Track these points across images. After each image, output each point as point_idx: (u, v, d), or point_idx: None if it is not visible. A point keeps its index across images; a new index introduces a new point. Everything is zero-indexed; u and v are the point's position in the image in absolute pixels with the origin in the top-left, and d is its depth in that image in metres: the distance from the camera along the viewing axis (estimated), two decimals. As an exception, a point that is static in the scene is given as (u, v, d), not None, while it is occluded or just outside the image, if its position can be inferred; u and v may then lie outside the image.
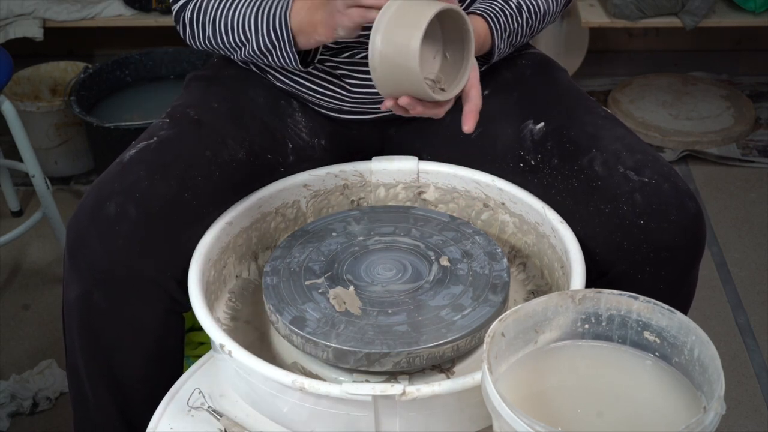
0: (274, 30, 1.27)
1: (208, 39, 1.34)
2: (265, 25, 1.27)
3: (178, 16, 1.36)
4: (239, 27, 1.30)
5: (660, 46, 3.10)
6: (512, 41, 1.35)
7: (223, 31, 1.32)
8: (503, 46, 1.33)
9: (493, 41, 1.31)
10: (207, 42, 1.35)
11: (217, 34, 1.32)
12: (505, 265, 1.23)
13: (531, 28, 1.36)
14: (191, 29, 1.35)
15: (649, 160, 1.26)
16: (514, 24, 1.33)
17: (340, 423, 1.09)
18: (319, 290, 1.20)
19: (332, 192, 1.40)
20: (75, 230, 1.23)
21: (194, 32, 1.35)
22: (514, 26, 1.33)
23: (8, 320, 2.19)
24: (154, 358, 1.28)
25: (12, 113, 2.10)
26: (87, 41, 3.07)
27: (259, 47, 1.30)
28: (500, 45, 1.32)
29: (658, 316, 0.98)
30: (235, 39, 1.31)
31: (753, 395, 1.96)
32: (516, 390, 0.95)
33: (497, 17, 1.31)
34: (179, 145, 1.29)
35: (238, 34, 1.30)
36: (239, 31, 1.30)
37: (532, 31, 1.37)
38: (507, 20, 1.32)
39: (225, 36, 1.32)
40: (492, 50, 1.33)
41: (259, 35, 1.28)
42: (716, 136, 2.74)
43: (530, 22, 1.35)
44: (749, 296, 2.22)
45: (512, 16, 1.32)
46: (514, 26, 1.33)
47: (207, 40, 1.35)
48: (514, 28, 1.33)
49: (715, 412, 0.86)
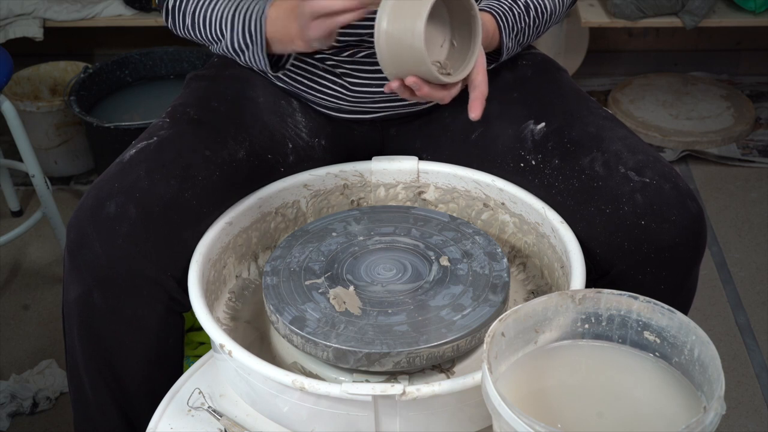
0: (249, 31, 1.28)
1: (188, 29, 1.36)
2: (240, 24, 1.29)
3: (161, 2, 1.38)
4: (216, 22, 1.32)
5: (660, 46, 3.10)
6: (519, 40, 1.35)
7: (201, 23, 1.34)
8: (511, 44, 1.34)
9: (501, 39, 1.32)
10: (186, 31, 1.37)
11: (196, 26, 1.35)
12: (505, 265, 1.23)
13: (537, 28, 1.37)
14: (173, 17, 1.37)
15: (650, 161, 1.26)
16: (521, 23, 1.33)
17: (340, 423, 1.09)
18: (319, 290, 1.20)
19: (332, 192, 1.40)
20: (75, 230, 1.23)
21: (176, 21, 1.37)
22: (521, 25, 1.33)
23: (8, 320, 2.19)
24: (154, 358, 1.28)
25: (12, 113, 2.10)
26: (87, 41, 3.07)
27: (233, 45, 1.31)
28: (508, 44, 1.33)
29: (658, 316, 0.98)
30: (211, 33, 1.33)
31: (753, 395, 1.96)
32: (516, 390, 0.95)
33: (506, 15, 1.31)
34: (179, 145, 1.29)
35: (215, 29, 1.32)
36: (216, 26, 1.32)
37: (538, 31, 1.38)
38: (515, 19, 1.32)
39: (203, 29, 1.34)
40: (500, 48, 1.33)
41: (234, 33, 1.30)
42: (716, 136, 2.74)
43: (537, 22, 1.35)
44: (749, 296, 2.22)
45: (520, 15, 1.33)
46: (521, 25, 1.33)
47: (186, 30, 1.37)
48: (521, 27, 1.34)
49: (715, 412, 0.86)
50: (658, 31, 3.07)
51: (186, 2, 1.34)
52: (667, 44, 3.10)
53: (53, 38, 2.83)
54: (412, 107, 1.42)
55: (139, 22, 2.77)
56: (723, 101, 2.91)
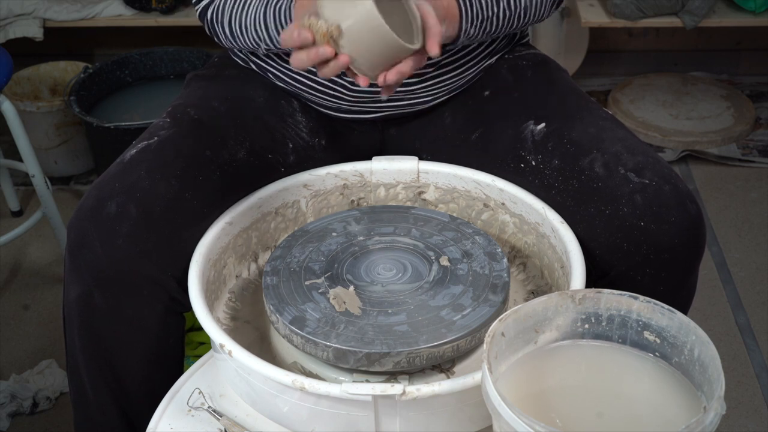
0: (282, 24, 1.27)
1: (229, 39, 1.37)
2: (272, 20, 1.28)
3: (201, 17, 1.40)
4: (252, 26, 1.32)
5: (660, 46, 3.10)
6: (486, 29, 1.31)
7: (238, 31, 1.34)
8: (473, 31, 1.30)
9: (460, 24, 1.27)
10: (229, 42, 1.38)
11: (236, 35, 1.35)
12: (505, 265, 1.23)
13: (510, 21, 1.33)
14: (214, 31, 1.39)
15: (649, 162, 1.26)
16: (488, 12, 1.30)
17: (340, 423, 1.09)
18: (319, 290, 1.20)
19: (332, 192, 1.40)
20: (75, 230, 1.23)
21: (217, 33, 1.38)
22: (488, 14, 1.30)
23: (8, 320, 2.19)
24: (154, 358, 1.28)
25: (12, 113, 2.10)
26: (87, 41, 3.07)
27: (272, 42, 1.31)
28: (469, 30, 1.29)
29: (658, 316, 0.98)
30: (250, 38, 1.33)
31: (753, 395, 1.96)
32: (516, 390, 0.95)
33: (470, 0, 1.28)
34: (180, 145, 1.29)
35: (252, 32, 1.32)
36: (252, 30, 1.32)
37: (511, 24, 1.34)
38: (480, 6, 1.29)
39: (241, 36, 1.34)
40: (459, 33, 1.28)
41: (269, 31, 1.29)
42: (716, 136, 2.74)
43: (508, 14, 1.32)
44: (749, 296, 2.22)
45: (488, 5, 1.29)
46: (487, 14, 1.30)
47: (228, 41, 1.38)
48: (487, 16, 1.30)
49: (715, 412, 0.86)
50: (658, 31, 3.07)
51: (222, 14, 1.35)
52: (667, 44, 3.10)
53: (53, 38, 2.83)
54: (412, 107, 1.42)
55: (139, 22, 2.77)
56: (723, 101, 2.91)
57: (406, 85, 1.38)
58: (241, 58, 1.47)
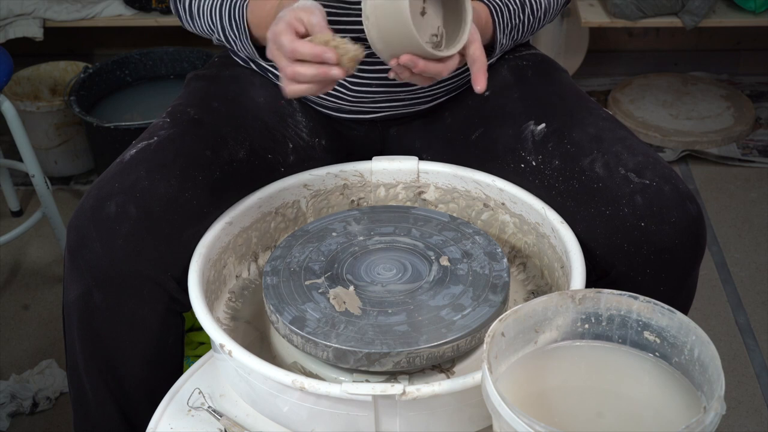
0: (234, 21, 1.29)
1: (188, 23, 1.39)
2: (226, 15, 1.30)
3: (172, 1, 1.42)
4: (207, 14, 1.33)
5: (660, 46, 3.11)
6: (513, 37, 1.35)
7: (197, 15, 1.36)
8: (505, 41, 1.33)
9: (495, 35, 1.31)
10: (189, 25, 1.40)
11: (195, 19, 1.37)
12: (505, 265, 1.23)
13: (532, 26, 1.37)
14: (178, 12, 1.40)
15: (650, 162, 1.26)
16: (516, 20, 1.33)
17: (340, 423, 1.09)
18: (319, 290, 1.20)
19: (332, 192, 1.40)
20: (75, 230, 1.23)
21: (180, 15, 1.40)
22: (516, 22, 1.33)
23: (8, 320, 2.19)
24: (154, 358, 1.28)
25: (12, 113, 2.10)
26: (87, 41, 3.07)
27: (224, 35, 1.33)
28: (502, 40, 1.33)
29: (658, 316, 0.98)
30: (205, 24, 1.35)
31: (753, 395, 1.96)
32: (516, 390, 0.95)
33: (501, 11, 1.31)
34: (179, 145, 1.29)
35: (207, 20, 1.34)
36: (208, 18, 1.34)
37: (532, 29, 1.37)
38: (510, 15, 1.32)
39: (199, 20, 1.36)
40: (494, 44, 1.33)
41: (223, 24, 1.31)
42: (716, 136, 2.74)
43: (531, 20, 1.35)
44: (749, 296, 2.22)
45: (515, 12, 1.32)
46: (515, 22, 1.33)
47: (188, 24, 1.40)
48: (515, 24, 1.33)
49: (715, 412, 0.86)
50: (658, 31, 3.07)
51: None
52: (667, 44, 3.10)
53: (53, 38, 2.83)
54: (412, 107, 1.42)
55: (139, 22, 2.77)
56: (723, 101, 2.91)
57: (406, 85, 1.38)
58: (242, 58, 1.47)
